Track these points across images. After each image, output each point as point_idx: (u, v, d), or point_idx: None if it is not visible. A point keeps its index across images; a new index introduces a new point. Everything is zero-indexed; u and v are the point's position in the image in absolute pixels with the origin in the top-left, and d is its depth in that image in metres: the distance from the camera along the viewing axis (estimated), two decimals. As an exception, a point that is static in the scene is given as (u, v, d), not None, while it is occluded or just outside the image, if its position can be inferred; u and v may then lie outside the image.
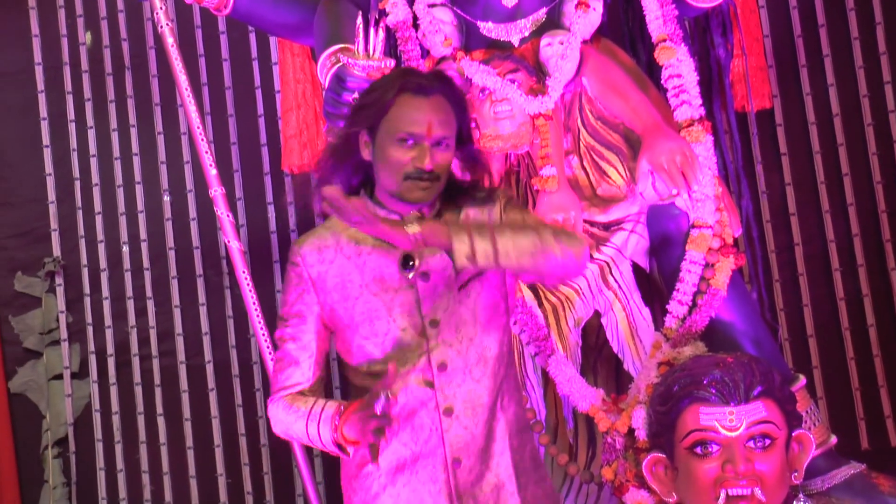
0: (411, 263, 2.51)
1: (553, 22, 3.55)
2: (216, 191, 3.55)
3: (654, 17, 3.50)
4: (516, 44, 3.56)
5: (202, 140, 3.57)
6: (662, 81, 3.50)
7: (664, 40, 3.47)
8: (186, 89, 3.57)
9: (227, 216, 3.56)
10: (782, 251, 4.80)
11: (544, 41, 3.50)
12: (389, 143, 2.60)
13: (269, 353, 3.54)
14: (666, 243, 3.44)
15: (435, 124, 2.60)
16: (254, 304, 3.58)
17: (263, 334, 3.55)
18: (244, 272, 3.57)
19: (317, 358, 2.71)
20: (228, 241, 3.56)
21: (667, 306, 3.40)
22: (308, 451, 3.83)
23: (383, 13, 3.55)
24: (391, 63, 3.32)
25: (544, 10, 3.56)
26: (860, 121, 4.81)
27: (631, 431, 3.29)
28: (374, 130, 2.63)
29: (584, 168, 3.47)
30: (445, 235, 2.42)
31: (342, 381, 4.73)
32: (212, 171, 3.56)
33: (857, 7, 4.83)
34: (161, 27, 3.55)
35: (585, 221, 3.39)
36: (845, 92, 4.83)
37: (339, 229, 2.68)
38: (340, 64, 3.30)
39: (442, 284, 2.62)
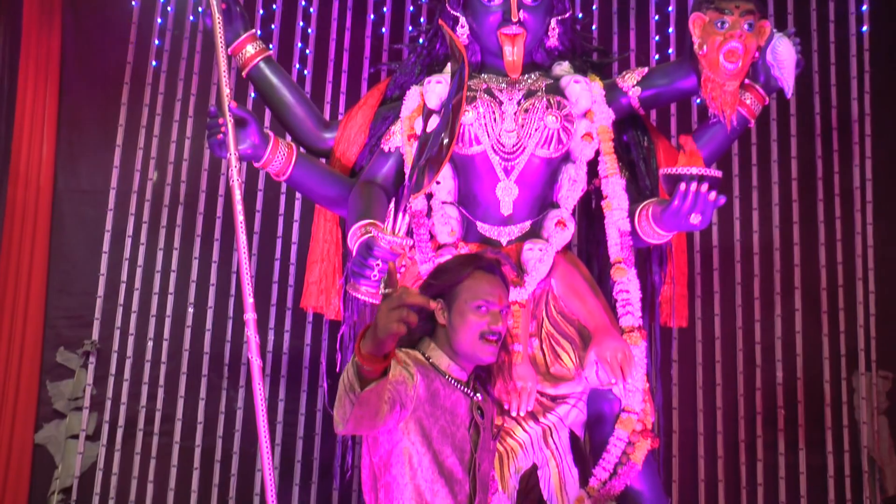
0: (481, 412, 2.48)
1: (535, 231, 3.47)
2: (250, 315, 3.34)
3: (613, 243, 3.43)
4: (504, 243, 3.47)
5: (247, 273, 3.37)
6: (613, 294, 3.42)
7: (619, 262, 3.41)
8: (242, 232, 3.40)
9: (255, 338, 3.35)
10: (685, 433, 4.80)
11: (527, 246, 3.41)
12: (467, 310, 2.50)
13: (267, 451, 3.25)
14: (599, 420, 3.31)
15: (503, 296, 2.55)
16: (262, 412, 3.33)
17: (266, 439, 3.27)
18: (259, 385, 3.34)
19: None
20: (252, 358, 3.33)
21: (592, 470, 3.25)
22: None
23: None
24: (410, 242, 3.22)
25: (530, 221, 3.49)
26: (752, 344, 4.92)
27: (552, 568, 3.13)
28: (450, 299, 2.54)
29: (542, 350, 3.34)
30: None
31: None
32: (249, 300, 3.35)
33: (760, 253, 4.99)
34: (232, 182, 3.40)
35: (538, 392, 3.25)
36: (748, 318, 4.95)
37: (428, 362, 2.53)
38: (370, 235, 3.18)
39: (489, 438, 2.50)
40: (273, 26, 5.11)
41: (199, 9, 4.98)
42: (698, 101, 4.15)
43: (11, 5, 4.60)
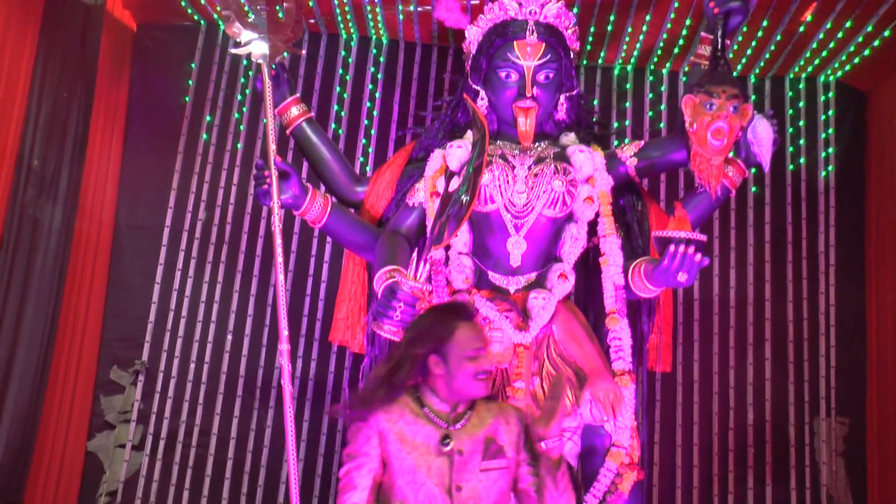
0: (447, 441, 2.43)
1: (539, 282, 3.46)
2: (284, 346, 3.30)
3: (609, 295, 3.41)
4: (512, 291, 3.46)
5: (283, 307, 3.34)
6: (607, 340, 3.39)
7: (613, 312, 3.39)
8: (281, 272, 3.38)
9: (288, 367, 3.32)
10: (665, 466, 4.76)
11: (532, 295, 3.40)
12: (463, 359, 2.52)
13: (294, 467, 3.22)
14: (591, 452, 3.27)
15: (485, 339, 2.61)
16: (291, 432, 3.28)
17: (293, 457, 3.23)
18: (290, 407, 3.30)
19: (372, 485, 2.50)
20: (284, 384, 3.30)
21: (584, 497, 3.21)
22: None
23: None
24: (429, 288, 3.20)
25: (535, 273, 3.48)
26: (727, 388, 4.88)
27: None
28: (445, 353, 2.55)
29: (542, 388, 3.31)
30: None
31: None
32: (284, 332, 3.32)
33: (735, 307, 4.97)
34: (274, 227, 3.38)
35: (538, 425, 3.22)
36: (723, 365, 4.91)
37: (402, 405, 2.55)
38: (394, 280, 3.15)
39: (471, 462, 2.45)
40: (314, 90, 5.13)
41: (251, 73, 5.02)
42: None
43: (89, 61, 4.61)
